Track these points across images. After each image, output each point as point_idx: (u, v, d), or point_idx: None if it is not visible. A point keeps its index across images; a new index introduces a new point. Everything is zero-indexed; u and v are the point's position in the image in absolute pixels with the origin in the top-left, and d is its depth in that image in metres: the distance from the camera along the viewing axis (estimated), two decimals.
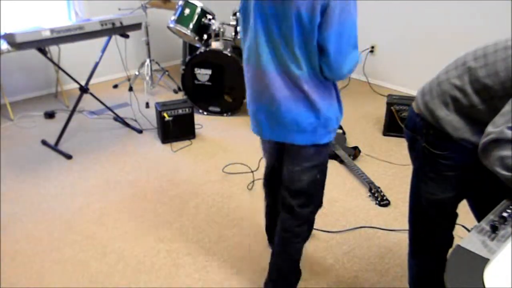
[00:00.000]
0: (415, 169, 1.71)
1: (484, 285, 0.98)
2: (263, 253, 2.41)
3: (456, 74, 1.48)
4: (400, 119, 3.57)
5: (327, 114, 1.69)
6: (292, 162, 1.85)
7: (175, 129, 3.56)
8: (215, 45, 3.94)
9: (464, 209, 1.75)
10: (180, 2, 4.02)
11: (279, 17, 1.55)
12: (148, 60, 4.53)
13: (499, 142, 1.25)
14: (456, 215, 1.73)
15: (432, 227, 1.74)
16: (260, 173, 3.17)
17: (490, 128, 1.29)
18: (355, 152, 3.38)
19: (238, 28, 3.97)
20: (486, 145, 1.29)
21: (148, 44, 4.48)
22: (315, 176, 1.89)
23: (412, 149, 1.70)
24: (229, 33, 4.16)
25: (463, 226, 2.44)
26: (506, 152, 1.24)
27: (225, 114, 4.11)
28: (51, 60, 3.56)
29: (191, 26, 3.96)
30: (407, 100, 3.60)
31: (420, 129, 1.60)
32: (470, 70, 1.43)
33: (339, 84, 4.86)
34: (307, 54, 1.58)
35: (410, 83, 4.56)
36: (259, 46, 1.63)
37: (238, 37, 3.97)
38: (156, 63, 4.73)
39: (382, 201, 2.83)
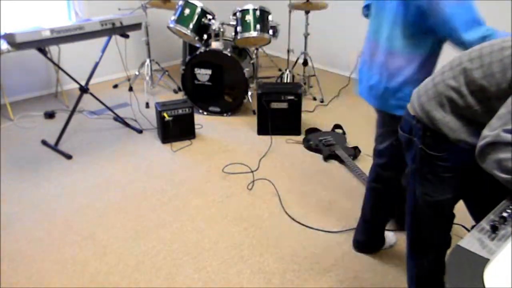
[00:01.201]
0: (411, 171, 1.70)
1: (484, 285, 0.98)
2: (263, 254, 2.42)
3: (451, 75, 1.48)
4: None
5: (396, 86, 1.96)
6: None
7: (175, 129, 3.56)
8: (215, 45, 3.94)
9: (464, 209, 1.76)
10: (180, 2, 4.02)
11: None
12: (148, 60, 4.53)
13: (496, 145, 1.25)
14: (453, 216, 1.73)
15: (430, 228, 1.74)
16: (260, 173, 3.18)
17: (486, 131, 1.29)
18: (355, 152, 3.38)
19: (239, 28, 3.97)
20: (483, 148, 1.28)
21: (148, 44, 4.48)
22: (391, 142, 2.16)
23: (408, 151, 1.70)
24: (229, 33, 4.16)
25: (463, 226, 2.44)
26: (503, 154, 1.23)
27: (225, 114, 4.11)
28: (51, 60, 3.56)
29: (191, 26, 3.96)
30: None
31: (417, 131, 1.59)
32: (465, 71, 1.43)
33: (340, 83, 4.86)
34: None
35: None
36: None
37: (238, 37, 3.98)
38: (156, 63, 4.73)
39: None
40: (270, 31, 4.06)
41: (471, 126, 1.45)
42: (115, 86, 4.77)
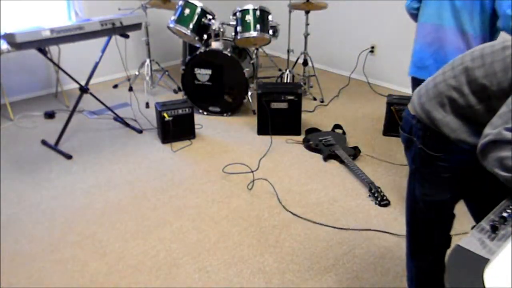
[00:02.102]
0: (411, 171, 1.70)
1: (484, 285, 0.98)
2: (263, 253, 2.42)
3: (452, 75, 1.48)
4: (400, 119, 3.56)
5: None
6: None
7: (175, 129, 3.56)
8: (215, 45, 3.94)
9: (464, 209, 1.76)
10: (180, 2, 4.02)
11: None
12: (148, 60, 4.53)
13: (497, 143, 1.25)
14: (453, 216, 1.73)
15: (429, 228, 1.74)
16: (260, 173, 3.18)
17: (487, 130, 1.29)
18: (355, 152, 3.38)
19: (239, 28, 3.97)
20: (484, 147, 1.29)
21: (148, 44, 4.48)
22: None
23: (408, 151, 1.69)
24: (229, 33, 4.16)
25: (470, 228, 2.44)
26: (504, 153, 1.24)
27: (225, 114, 4.11)
28: (51, 60, 3.56)
29: (191, 26, 3.96)
30: (407, 100, 3.57)
31: (417, 131, 1.59)
32: (467, 70, 1.43)
33: (340, 83, 4.86)
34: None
35: (410, 83, 4.55)
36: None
37: (238, 37, 3.98)
38: (156, 63, 4.73)
39: (382, 201, 2.83)
40: (270, 31, 4.06)
41: (471, 126, 1.45)
42: (115, 86, 4.77)
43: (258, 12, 3.98)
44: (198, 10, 3.99)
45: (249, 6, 3.99)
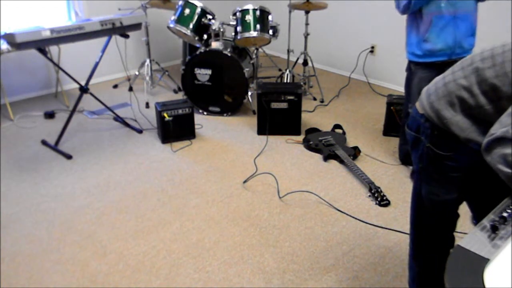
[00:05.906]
0: (418, 170, 1.70)
1: (484, 285, 0.98)
2: (263, 253, 2.42)
3: (462, 75, 1.49)
4: (400, 119, 3.56)
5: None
6: None
7: (175, 129, 3.56)
8: (215, 45, 3.94)
9: (464, 209, 1.75)
10: (180, 2, 4.02)
11: None
12: (148, 60, 4.53)
13: (503, 140, 1.26)
14: (457, 216, 1.73)
15: (434, 227, 1.73)
16: (260, 173, 3.17)
17: (496, 127, 1.30)
18: (355, 152, 3.38)
19: (239, 28, 3.98)
20: (490, 143, 1.29)
21: (148, 44, 4.48)
22: None
23: (414, 150, 1.69)
24: (229, 33, 4.16)
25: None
26: (509, 150, 1.24)
27: (225, 114, 4.11)
28: (51, 60, 3.56)
29: (191, 26, 3.96)
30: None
31: (425, 129, 1.59)
32: (477, 70, 1.44)
33: (340, 83, 4.85)
34: None
35: None
36: None
37: (238, 37, 3.97)
38: (156, 63, 4.73)
39: (382, 201, 2.83)
40: (270, 31, 4.06)
41: (481, 126, 1.45)
42: (115, 86, 4.77)
43: (258, 12, 3.98)
44: (198, 10, 3.99)
45: (249, 6, 3.99)
